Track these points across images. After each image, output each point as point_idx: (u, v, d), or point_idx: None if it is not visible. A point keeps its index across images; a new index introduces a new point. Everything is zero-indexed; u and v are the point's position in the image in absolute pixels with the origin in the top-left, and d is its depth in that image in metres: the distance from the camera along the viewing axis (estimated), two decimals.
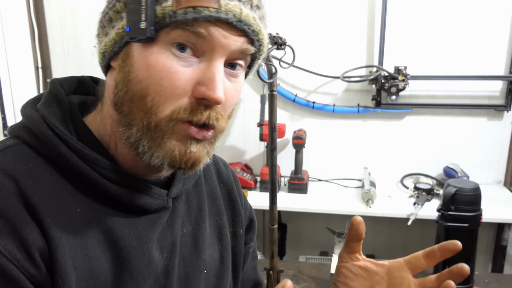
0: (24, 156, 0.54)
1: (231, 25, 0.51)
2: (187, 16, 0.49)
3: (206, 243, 0.69)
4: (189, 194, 0.70)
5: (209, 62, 0.52)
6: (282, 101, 2.29)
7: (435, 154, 2.28)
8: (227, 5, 0.50)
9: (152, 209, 0.60)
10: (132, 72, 0.52)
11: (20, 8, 2.26)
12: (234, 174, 0.82)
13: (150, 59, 0.51)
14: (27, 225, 0.49)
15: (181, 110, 0.52)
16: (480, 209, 1.31)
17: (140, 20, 0.49)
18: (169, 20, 0.49)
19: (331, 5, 2.17)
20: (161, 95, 0.51)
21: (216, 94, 0.51)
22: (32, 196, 0.50)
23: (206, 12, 0.49)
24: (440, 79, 2.16)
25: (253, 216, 0.84)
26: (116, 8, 0.53)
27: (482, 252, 2.33)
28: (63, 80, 0.63)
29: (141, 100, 0.52)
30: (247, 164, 2.38)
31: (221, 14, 0.50)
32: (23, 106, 0.60)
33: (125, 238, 0.56)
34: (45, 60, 2.40)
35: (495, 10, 2.07)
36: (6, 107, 2.11)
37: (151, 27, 0.49)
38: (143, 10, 0.49)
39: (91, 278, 0.53)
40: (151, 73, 0.51)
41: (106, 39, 0.55)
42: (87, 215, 0.54)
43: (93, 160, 0.55)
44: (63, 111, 0.58)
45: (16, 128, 0.57)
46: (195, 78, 0.52)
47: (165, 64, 0.51)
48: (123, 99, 0.54)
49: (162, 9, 0.49)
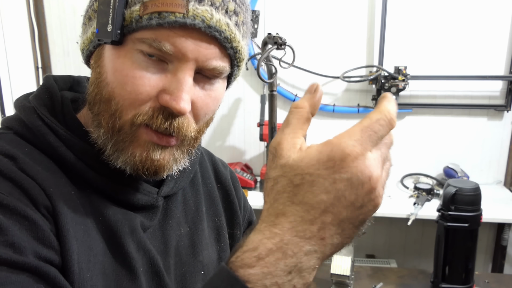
0: (18, 142, 0.54)
1: (199, 31, 0.49)
2: (152, 22, 0.48)
3: (204, 244, 0.68)
4: (185, 194, 0.69)
5: (175, 71, 0.50)
6: (282, 101, 2.29)
7: (435, 154, 2.28)
8: (195, 10, 0.48)
9: (139, 205, 0.59)
10: (102, 73, 0.52)
11: (20, 8, 2.26)
12: (233, 175, 0.81)
13: (117, 63, 0.51)
14: (34, 187, 0.49)
15: (143, 114, 0.51)
16: (480, 209, 1.31)
17: (107, 22, 0.49)
18: (135, 25, 0.48)
19: (331, 5, 2.17)
20: (125, 99, 0.51)
21: (179, 105, 0.50)
22: (31, 170, 0.50)
23: (171, 17, 0.47)
24: (440, 79, 2.16)
25: (252, 218, 0.82)
26: (94, 7, 0.53)
27: (482, 252, 2.33)
28: (58, 77, 0.64)
29: (107, 103, 0.52)
30: (247, 164, 2.38)
31: (188, 20, 0.48)
32: (16, 99, 0.60)
33: (118, 223, 0.56)
34: (45, 60, 2.40)
35: (495, 10, 2.07)
36: (6, 107, 2.11)
37: (117, 30, 0.48)
38: (110, 13, 0.48)
39: (91, 254, 0.52)
40: (117, 77, 0.51)
41: (84, 37, 0.56)
42: (81, 199, 0.54)
43: (82, 150, 0.55)
44: (54, 103, 0.58)
45: (8, 119, 0.58)
46: (161, 85, 0.51)
47: (130, 69, 0.50)
48: (94, 100, 0.54)
49: (130, 13, 0.49)
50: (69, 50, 2.41)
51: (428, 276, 1.47)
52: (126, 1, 0.49)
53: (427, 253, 2.30)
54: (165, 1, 0.47)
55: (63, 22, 2.38)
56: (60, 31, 2.39)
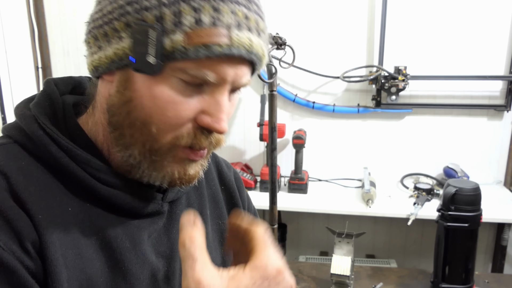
0: (16, 154, 0.54)
1: (240, 57, 0.50)
2: (199, 54, 0.48)
3: (208, 248, 0.68)
4: (190, 197, 0.69)
5: (213, 93, 0.52)
6: (282, 101, 2.29)
7: (435, 154, 2.28)
8: (238, 38, 0.49)
9: (145, 213, 0.59)
10: (135, 99, 0.52)
11: (20, 8, 2.26)
12: (237, 176, 0.80)
13: (156, 91, 0.50)
14: (20, 218, 0.48)
15: (183, 136, 0.53)
16: (480, 209, 1.31)
17: (147, 53, 0.48)
18: (179, 55, 0.48)
19: (331, 5, 2.17)
20: (166, 123, 0.52)
21: (221, 126, 0.52)
22: (23, 192, 0.50)
23: (218, 49, 0.48)
24: (440, 79, 2.16)
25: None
26: (114, 26, 0.50)
27: (482, 252, 2.33)
28: (59, 80, 0.63)
29: (143, 127, 0.52)
30: (247, 164, 2.38)
31: (233, 50, 0.49)
32: (17, 106, 0.59)
33: (118, 239, 0.55)
34: (45, 60, 2.40)
35: (495, 10, 2.07)
36: (6, 107, 2.11)
37: (159, 60, 0.48)
38: (150, 43, 0.47)
39: (84, 278, 0.52)
40: (156, 104, 0.51)
41: (101, 54, 0.53)
42: (79, 214, 0.53)
43: (84, 161, 0.54)
44: (56, 111, 0.57)
45: (9, 128, 0.57)
46: (199, 107, 0.52)
47: (170, 96, 0.50)
48: (123, 123, 0.53)
49: (172, 42, 0.47)
50: (69, 50, 2.41)
51: (428, 276, 1.47)
52: (164, 29, 0.48)
53: (427, 253, 2.30)
54: (210, 32, 0.47)
55: (63, 22, 2.38)
56: (60, 31, 2.39)
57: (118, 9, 0.50)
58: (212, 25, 0.47)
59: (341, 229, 1.44)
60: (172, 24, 0.47)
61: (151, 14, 0.48)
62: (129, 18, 0.49)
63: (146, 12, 0.48)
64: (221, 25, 0.48)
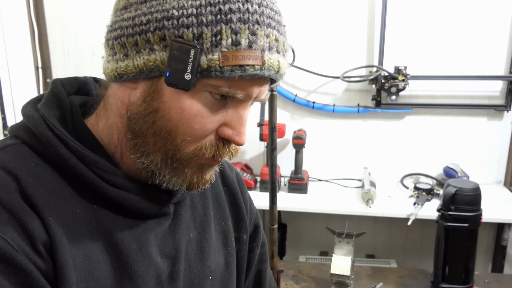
0: (24, 155, 0.54)
1: (269, 77, 0.53)
2: (234, 74, 0.49)
3: (212, 249, 0.68)
4: (193, 198, 0.69)
5: (236, 107, 0.54)
6: (282, 101, 2.29)
7: (435, 154, 2.28)
8: (269, 60, 0.51)
9: (151, 214, 0.60)
10: (162, 109, 0.52)
11: (20, 8, 2.26)
12: (239, 177, 0.80)
13: (185, 104, 0.52)
14: (32, 220, 0.49)
15: (206, 147, 0.55)
16: (480, 209, 1.31)
17: (185, 70, 0.49)
18: (214, 74, 0.49)
19: (331, 5, 2.17)
20: (191, 135, 0.53)
21: (242, 139, 0.55)
22: (33, 194, 0.50)
23: (251, 70, 0.50)
24: (440, 79, 2.16)
25: (258, 222, 0.82)
26: (147, 37, 0.50)
27: (482, 252, 2.33)
28: (65, 80, 0.63)
29: (168, 137, 0.53)
30: (247, 164, 2.38)
31: (265, 72, 0.51)
32: (24, 106, 0.59)
33: (125, 241, 0.56)
34: (45, 60, 2.40)
35: (495, 10, 2.07)
36: (6, 107, 2.11)
37: (195, 79, 0.49)
38: (190, 62, 0.48)
39: (91, 279, 0.52)
40: (184, 116, 0.52)
41: (128, 63, 0.52)
42: (87, 216, 0.54)
43: (93, 162, 0.54)
44: (64, 112, 0.58)
45: (16, 128, 0.57)
46: (222, 120, 0.54)
47: (199, 110, 0.52)
48: (146, 132, 0.54)
49: (208, 61, 0.49)
50: (69, 50, 2.41)
51: (428, 276, 1.47)
52: (202, 48, 0.49)
53: (427, 253, 2.30)
54: (246, 55, 0.50)
55: (63, 22, 2.37)
56: (60, 31, 2.39)
57: (155, 22, 0.50)
58: (248, 48, 0.50)
59: (341, 229, 1.44)
60: (211, 44, 0.49)
61: (190, 31, 0.49)
62: (166, 32, 0.49)
63: (185, 29, 0.49)
64: (256, 48, 0.50)
